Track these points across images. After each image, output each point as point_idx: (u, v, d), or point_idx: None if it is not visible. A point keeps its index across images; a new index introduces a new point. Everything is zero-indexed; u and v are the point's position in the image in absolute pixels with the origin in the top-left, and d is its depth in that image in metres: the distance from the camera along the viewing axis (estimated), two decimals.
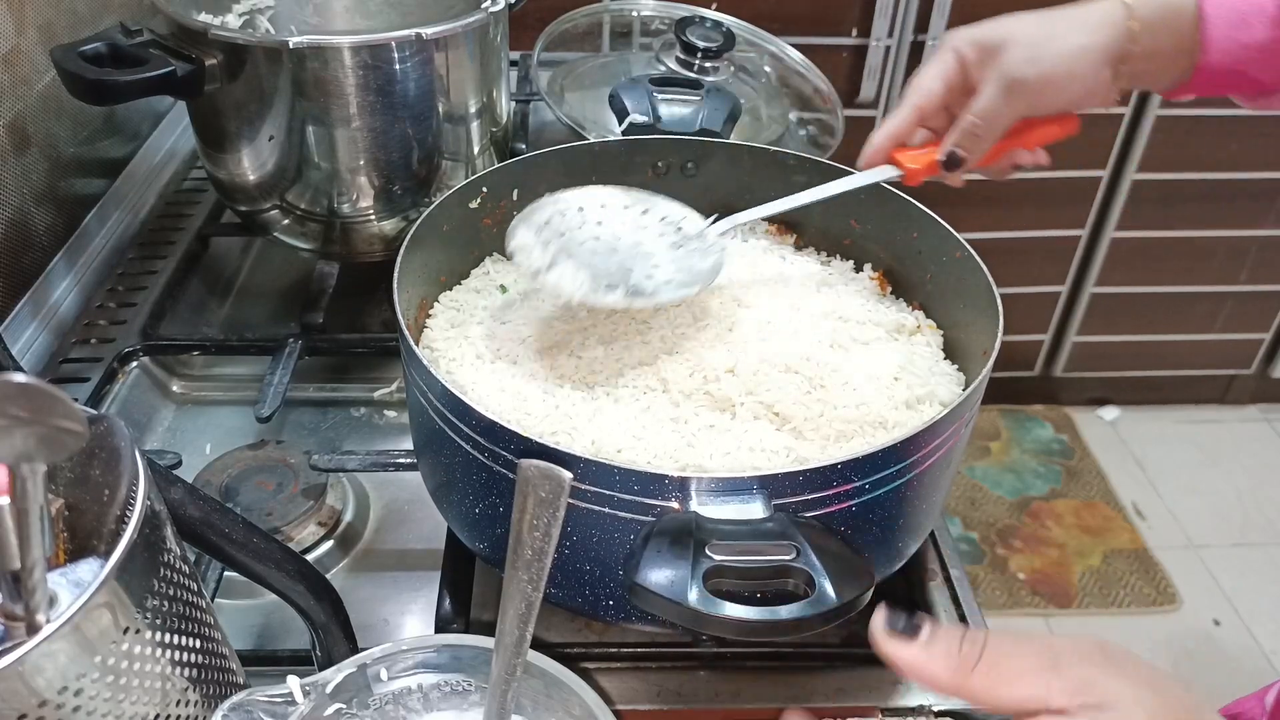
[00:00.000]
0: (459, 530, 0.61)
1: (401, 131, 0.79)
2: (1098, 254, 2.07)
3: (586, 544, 0.52)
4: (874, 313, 0.69)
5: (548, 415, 0.59)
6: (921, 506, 0.57)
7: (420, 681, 0.47)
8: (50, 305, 0.86)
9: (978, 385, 0.55)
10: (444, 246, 0.70)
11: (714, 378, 0.61)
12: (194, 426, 0.80)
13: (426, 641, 0.47)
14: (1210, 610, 1.89)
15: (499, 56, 0.86)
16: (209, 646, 0.35)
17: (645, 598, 0.45)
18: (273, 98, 0.77)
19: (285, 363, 0.79)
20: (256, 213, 0.86)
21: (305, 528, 0.68)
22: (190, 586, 0.34)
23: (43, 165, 0.90)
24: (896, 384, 0.62)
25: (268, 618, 0.64)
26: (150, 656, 0.31)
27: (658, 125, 0.87)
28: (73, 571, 0.32)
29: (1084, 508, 2.08)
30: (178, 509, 0.38)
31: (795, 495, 0.49)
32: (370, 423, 0.80)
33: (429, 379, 0.54)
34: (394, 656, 0.46)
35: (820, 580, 0.45)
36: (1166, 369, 2.27)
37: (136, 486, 0.32)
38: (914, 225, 0.70)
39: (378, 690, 0.46)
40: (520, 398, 0.61)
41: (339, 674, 0.43)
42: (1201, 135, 1.90)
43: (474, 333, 0.67)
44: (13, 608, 0.29)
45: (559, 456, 0.49)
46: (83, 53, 0.73)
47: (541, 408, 0.60)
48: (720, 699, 0.59)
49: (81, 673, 0.29)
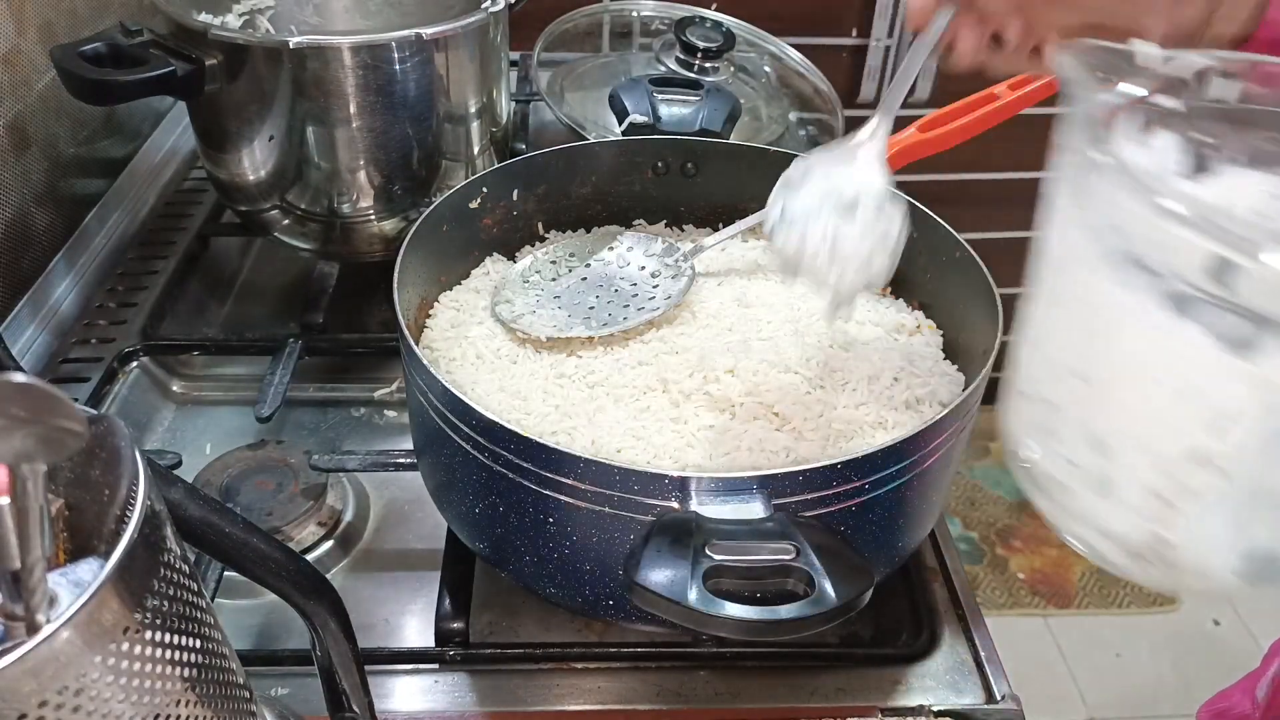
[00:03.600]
0: (459, 530, 0.61)
1: (401, 131, 0.79)
2: None
3: (586, 544, 0.52)
4: (874, 313, 0.69)
5: (548, 415, 0.59)
6: (921, 506, 0.57)
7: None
8: (50, 305, 0.86)
9: (978, 385, 0.55)
10: (444, 246, 0.70)
11: (714, 378, 0.61)
12: (194, 426, 0.80)
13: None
14: (1210, 610, 1.89)
15: (499, 56, 0.86)
16: (209, 646, 0.35)
17: (645, 597, 0.45)
18: (273, 98, 0.77)
19: (285, 363, 0.79)
20: (256, 213, 0.86)
21: (305, 528, 0.68)
22: (190, 586, 0.34)
23: (43, 165, 0.90)
24: (896, 384, 0.62)
25: (268, 618, 0.64)
26: (150, 656, 0.31)
27: (658, 125, 0.87)
28: (73, 571, 0.32)
29: None
30: (178, 509, 0.38)
31: (795, 495, 0.49)
32: (370, 423, 0.80)
33: (429, 379, 0.54)
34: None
35: (820, 580, 0.45)
36: None
37: (136, 486, 0.32)
38: (914, 225, 0.70)
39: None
40: (520, 398, 0.61)
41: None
42: None
43: (474, 333, 0.67)
44: (13, 608, 0.29)
45: (559, 456, 0.49)
46: (83, 53, 0.73)
47: (541, 408, 0.60)
48: (720, 699, 0.59)
49: (81, 673, 0.29)
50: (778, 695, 0.59)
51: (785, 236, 0.53)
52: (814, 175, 0.54)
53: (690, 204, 0.79)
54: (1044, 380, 0.40)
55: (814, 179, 0.54)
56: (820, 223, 0.52)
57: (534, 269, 0.72)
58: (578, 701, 0.58)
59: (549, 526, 0.52)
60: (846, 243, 0.52)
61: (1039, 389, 0.40)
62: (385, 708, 0.57)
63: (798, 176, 0.54)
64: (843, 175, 0.53)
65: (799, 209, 0.53)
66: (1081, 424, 0.38)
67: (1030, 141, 1.89)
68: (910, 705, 0.58)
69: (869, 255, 0.52)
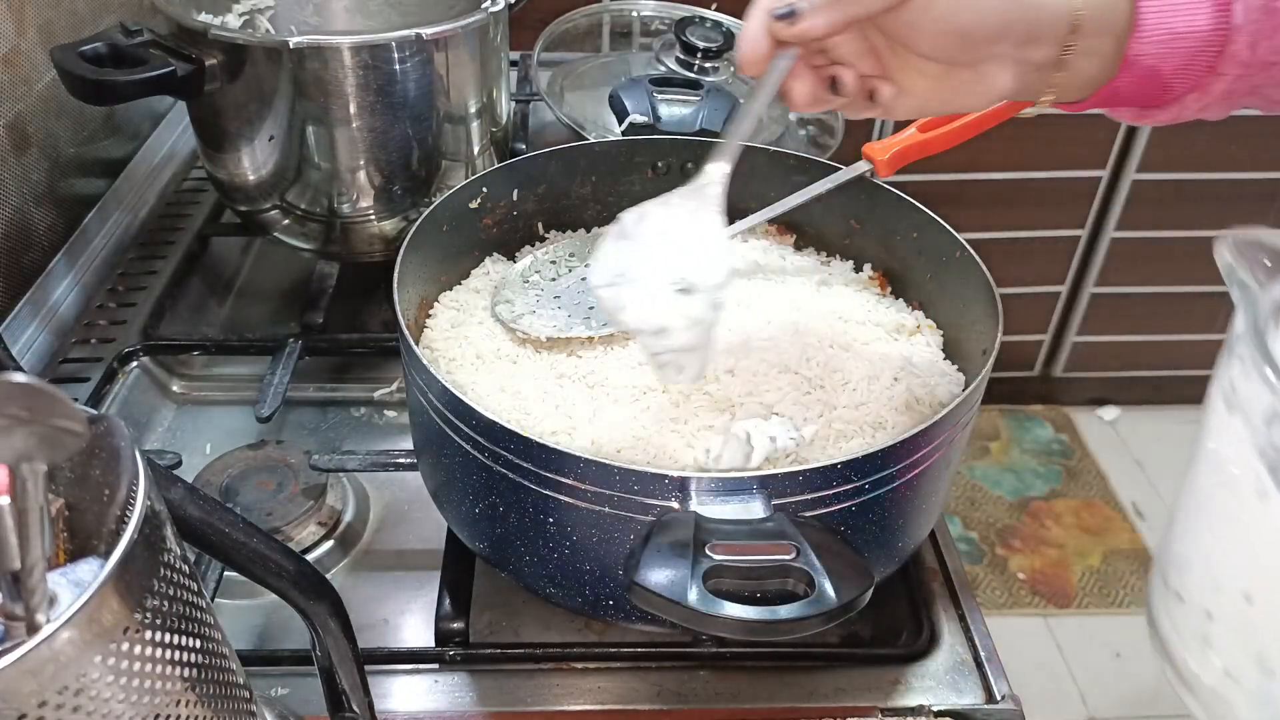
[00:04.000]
0: (459, 530, 0.61)
1: (401, 131, 0.79)
2: (1097, 254, 2.07)
3: (586, 544, 0.52)
4: (874, 313, 0.69)
5: (548, 415, 0.59)
6: (921, 506, 0.57)
7: None
8: (50, 305, 0.86)
9: (977, 385, 0.55)
10: (444, 246, 0.70)
11: (714, 378, 0.61)
12: (194, 426, 0.80)
13: None
14: None
15: (499, 56, 0.86)
16: (209, 646, 0.35)
17: (645, 598, 0.45)
18: (273, 98, 0.76)
19: (285, 363, 0.79)
20: (256, 213, 0.86)
21: (305, 528, 0.68)
22: (190, 586, 0.34)
23: (43, 165, 0.90)
24: (896, 384, 0.62)
25: (268, 618, 0.64)
26: (150, 656, 0.31)
27: (658, 125, 0.87)
28: (73, 571, 0.32)
29: (1084, 508, 2.07)
30: (178, 509, 0.38)
31: (795, 495, 0.49)
32: (370, 423, 0.80)
33: (429, 379, 0.54)
34: None
35: (820, 580, 0.45)
36: (1166, 369, 2.26)
37: (136, 486, 0.32)
38: (914, 225, 0.70)
39: None
40: (520, 398, 0.61)
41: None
42: (1201, 135, 1.90)
43: (474, 333, 0.67)
44: (13, 608, 0.29)
45: (559, 456, 0.49)
46: (83, 53, 0.73)
47: (541, 408, 0.60)
48: (720, 699, 0.59)
49: (81, 673, 0.29)
50: (778, 695, 0.59)
51: (614, 298, 0.50)
52: (650, 232, 0.51)
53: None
54: (1201, 590, 0.39)
55: (650, 237, 0.51)
56: (652, 302, 0.50)
57: (534, 269, 0.72)
58: (578, 701, 0.58)
59: (549, 526, 0.52)
60: (673, 335, 0.50)
61: (1194, 596, 0.39)
62: (385, 708, 0.57)
63: (632, 225, 0.52)
64: (683, 246, 0.50)
65: (634, 276, 0.50)
66: (1245, 642, 0.37)
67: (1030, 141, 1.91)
68: (910, 705, 0.58)
69: (689, 347, 0.50)
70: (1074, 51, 0.48)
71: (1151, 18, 0.47)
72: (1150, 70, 0.48)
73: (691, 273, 0.50)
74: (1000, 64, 0.48)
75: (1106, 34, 0.47)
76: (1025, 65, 0.48)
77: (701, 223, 0.51)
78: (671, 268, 0.50)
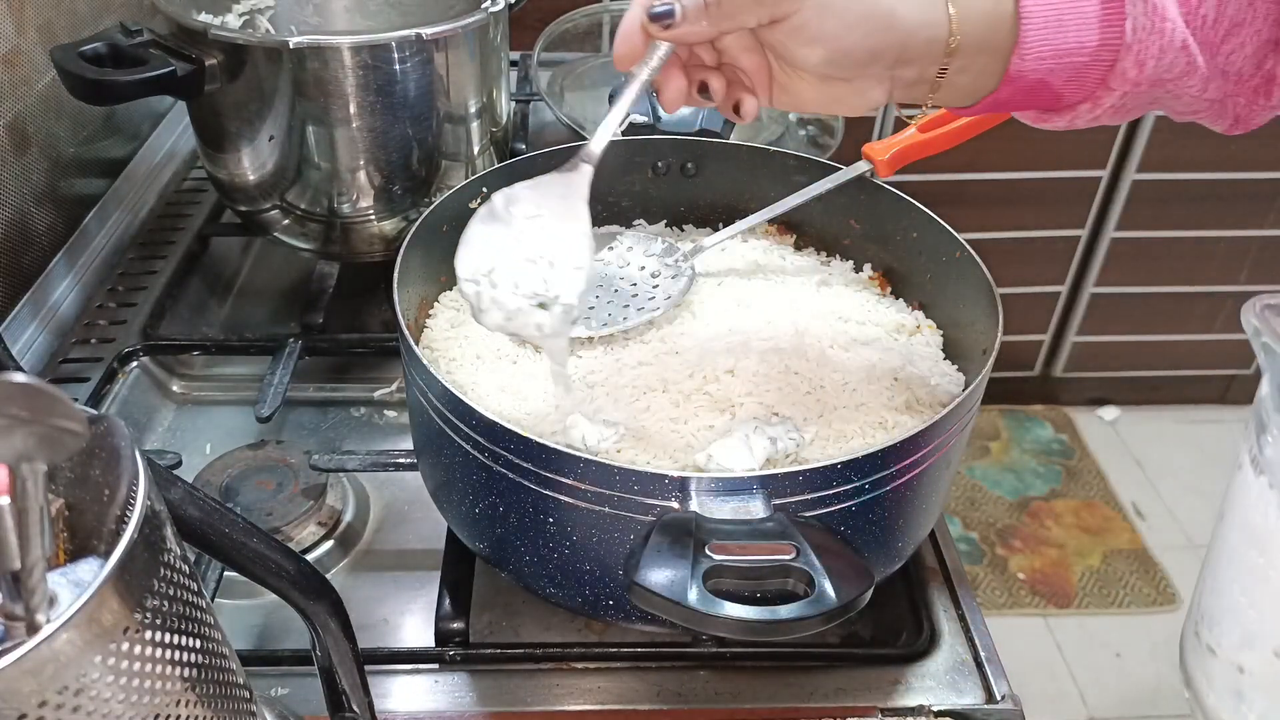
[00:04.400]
0: (459, 530, 0.61)
1: (401, 131, 0.79)
2: (1097, 254, 2.07)
3: (586, 544, 0.52)
4: (874, 313, 0.69)
5: (548, 415, 0.59)
6: (921, 506, 0.57)
7: None
8: (50, 305, 0.86)
9: (977, 385, 0.55)
10: (444, 246, 0.70)
11: (714, 378, 0.61)
12: (194, 426, 0.80)
13: None
14: None
15: (499, 56, 0.86)
16: (209, 646, 0.35)
17: (645, 597, 0.45)
18: (273, 98, 0.77)
19: (285, 363, 0.79)
20: (256, 213, 0.86)
21: (305, 528, 0.68)
22: (190, 586, 0.34)
23: (43, 165, 0.90)
24: (896, 384, 0.62)
25: (268, 618, 0.64)
26: (150, 656, 0.31)
27: (658, 125, 0.87)
28: (73, 571, 0.32)
29: (1084, 508, 2.07)
30: (178, 509, 0.38)
31: (795, 495, 0.49)
32: (370, 423, 0.80)
33: (429, 379, 0.54)
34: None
35: (820, 580, 0.45)
36: (1166, 369, 2.27)
37: (136, 486, 0.32)
38: (914, 225, 0.70)
39: None
40: (520, 398, 0.61)
41: None
42: (1201, 135, 1.89)
43: (474, 333, 0.67)
44: (13, 608, 0.29)
45: (559, 456, 0.49)
46: (83, 53, 0.73)
47: (541, 408, 0.60)
48: (720, 699, 0.59)
49: (81, 673, 0.29)
50: (778, 695, 0.59)
51: (477, 298, 0.52)
52: (519, 217, 0.52)
53: (690, 204, 0.79)
54: (1233, 645, 0.40)
55: (519, 222, 0.52)
56: (512, 313, 0.52)
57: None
58: (578, 701, 0.58)
59: (549, 526, 0.52)
60: (529, 337, 0.54)
61: (1226, 650, 0.40)
62: (385, 708, 0.57)
63: (502, 207, 0.53)
64: (547, 245, 0.52)
65: (498, 279, 0.52)
66: (1277, 697, 0.38)
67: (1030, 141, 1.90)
68: (910, 705, 0.58)
69: (548, 349, 0.55)
70: (952, 70, 0.48)
71: (1034, 35, 0.47)
72: (1038, 83, 0.49)
73: (552, 284, 0.52)
74: (875, 80, 0.49)
75: (986, 53, 0.48)
76: (900, 82, 0.49)
77: (568, 213, 0.52)
78: (532, 278, 0.52)
